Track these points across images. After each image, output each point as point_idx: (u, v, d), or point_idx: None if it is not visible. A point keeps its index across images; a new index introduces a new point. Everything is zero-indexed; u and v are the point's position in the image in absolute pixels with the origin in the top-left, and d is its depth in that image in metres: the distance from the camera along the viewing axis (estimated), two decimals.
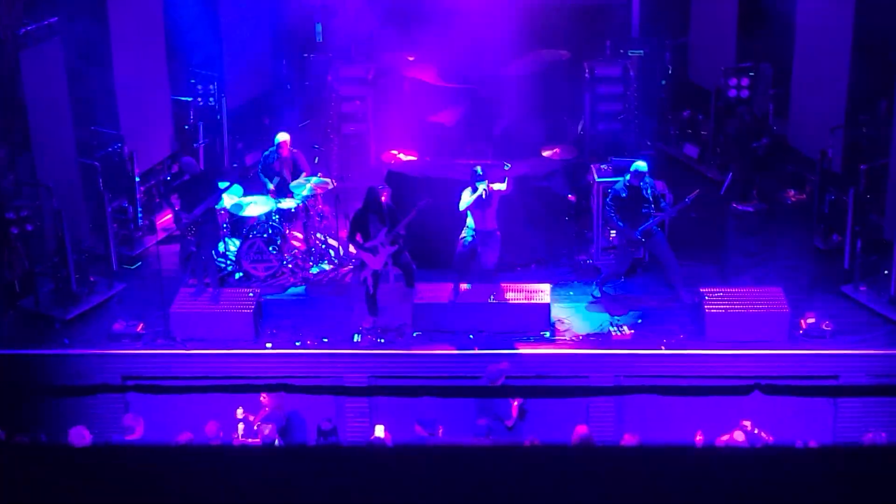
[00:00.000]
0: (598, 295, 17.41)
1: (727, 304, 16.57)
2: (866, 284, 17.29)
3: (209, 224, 17.25)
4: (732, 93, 20.28)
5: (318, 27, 22.26)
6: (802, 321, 16.53)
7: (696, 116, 21.53)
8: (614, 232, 17.64)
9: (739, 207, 17.65)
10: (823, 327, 16.44)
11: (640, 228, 16.95)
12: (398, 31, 20.67)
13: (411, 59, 21.41)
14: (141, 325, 16.87)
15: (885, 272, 17.15)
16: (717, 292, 16.78)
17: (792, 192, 17.89)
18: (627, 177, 16.95)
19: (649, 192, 16.97)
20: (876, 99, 19.32)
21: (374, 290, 16.73)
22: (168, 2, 19.35)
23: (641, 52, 21.26)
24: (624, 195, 16.98)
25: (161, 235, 18.97)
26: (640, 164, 16.99)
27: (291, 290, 17.80)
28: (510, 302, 16.85)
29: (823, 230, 18.41)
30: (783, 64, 19.90)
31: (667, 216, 17.15)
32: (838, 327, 16.53)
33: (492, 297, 16.79)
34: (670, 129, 21.76)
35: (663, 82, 21.84)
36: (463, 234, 16.91)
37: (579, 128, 20.86)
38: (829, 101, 18.48)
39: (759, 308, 16.52)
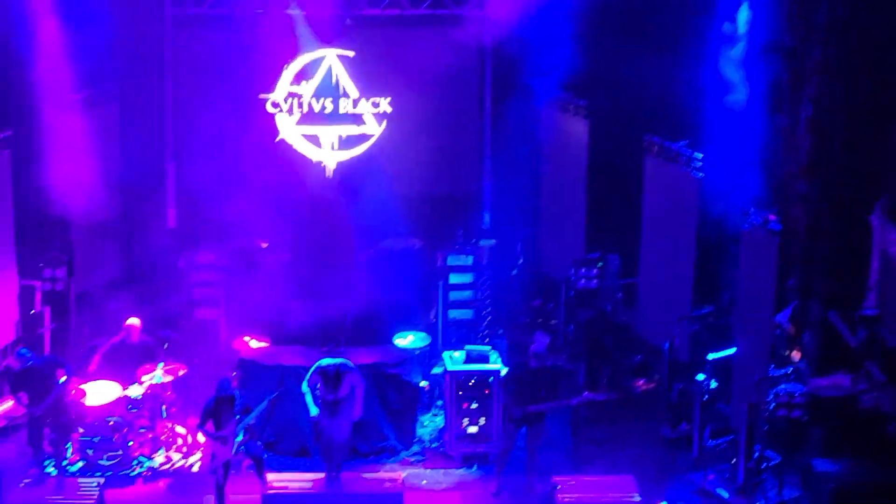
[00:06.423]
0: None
1: (579, 493, 16.57)
2: (715, 473, 17.48)
3: (62, 414, 16.98)
4: (581, 283, 20.60)
5: None
6: None
7: (547, 305, 21.80)
8: (467, 420, 17.65)
9: (590, 396, 17.82)
10: None
11: (527, 408, 16.93)
12: (253, 217, 20.70)
13: (265, 245, 21.42)
14: None
15: (733, 461, 17.37)
16: (570, 481, 16.80)
17: (641, 381, 18.15)
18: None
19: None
20: (720, 290, 19.84)
21: (224, 481, 16.45)
22: (17, 186, 19.14)
23: (493, 241, 21.56)
24: (523, 375, 17.04)
25: (1, 423, 18.46)
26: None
27: (138, 480, 17.40)
28: (362, 492, 16.66)
29: (671, 419, 18.63)
30: (631, 255, 20.32)
31: (549, 409, 17.17)
32: None
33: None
34: (521, 318, 21.99)
35: (514, 272, 22.11)
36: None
37: (432, 315, 20.98)
38: (674, 292, 18.87)
39: (611, 496, 16.54)
